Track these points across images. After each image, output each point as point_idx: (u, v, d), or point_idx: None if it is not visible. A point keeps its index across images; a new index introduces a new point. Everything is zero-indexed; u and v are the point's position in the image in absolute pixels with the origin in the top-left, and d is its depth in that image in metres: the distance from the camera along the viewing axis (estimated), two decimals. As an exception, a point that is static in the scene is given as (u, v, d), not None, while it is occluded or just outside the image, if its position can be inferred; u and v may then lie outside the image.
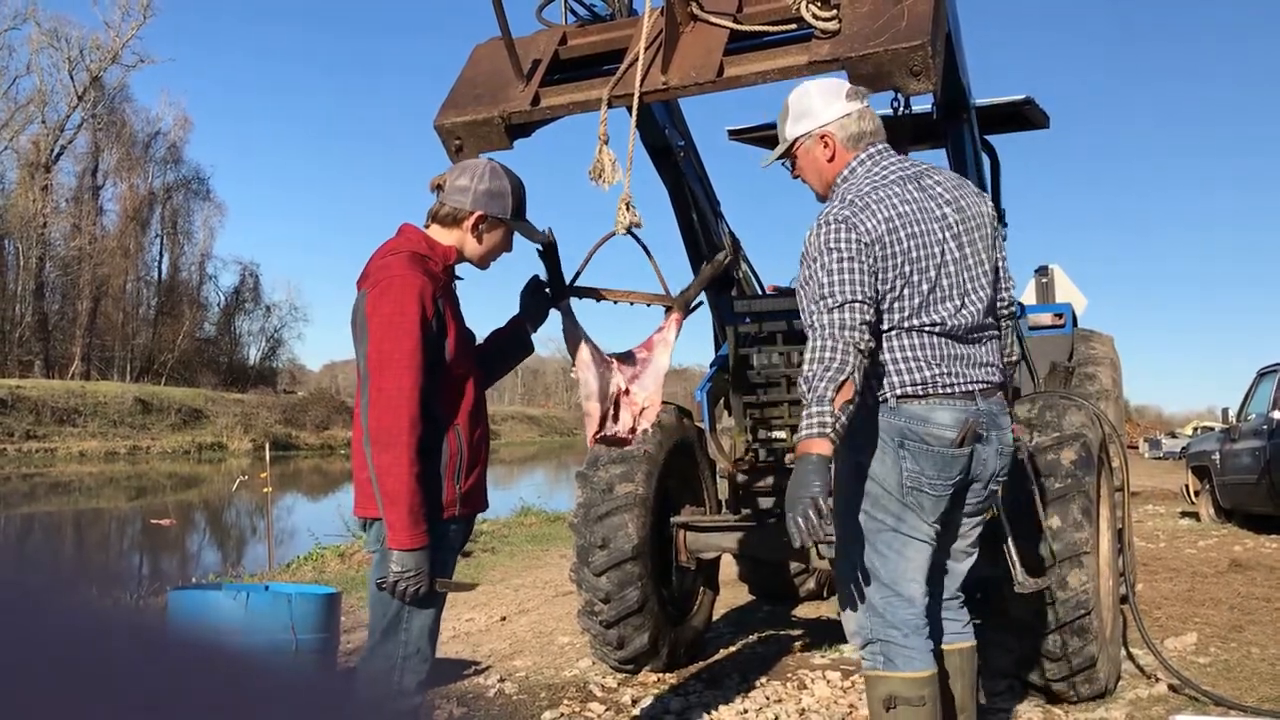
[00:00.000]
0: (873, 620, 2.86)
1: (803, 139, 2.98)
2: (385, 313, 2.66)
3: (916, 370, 2.80)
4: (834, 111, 2.94)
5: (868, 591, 2.86)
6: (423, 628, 2.75)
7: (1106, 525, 4.59)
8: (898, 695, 2.81)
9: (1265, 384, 11.36)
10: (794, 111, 2.99)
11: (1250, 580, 7.42)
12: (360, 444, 2.78)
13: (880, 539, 2.84)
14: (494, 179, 2.93)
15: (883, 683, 2.84)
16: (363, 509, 2.80)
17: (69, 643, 0.44)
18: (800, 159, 3.02)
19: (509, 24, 3.41)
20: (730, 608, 6.58)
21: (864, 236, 2.73)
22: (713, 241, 4.60)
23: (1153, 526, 11.87)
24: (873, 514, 2.84)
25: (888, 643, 2.84)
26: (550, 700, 4.53)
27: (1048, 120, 6.08)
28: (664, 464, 4.95)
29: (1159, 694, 4.33)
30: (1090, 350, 6.19)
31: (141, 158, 58.78)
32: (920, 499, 2.81)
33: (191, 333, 59.40)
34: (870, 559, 2.86)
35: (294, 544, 13.26)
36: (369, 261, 2.86)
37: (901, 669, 2.82)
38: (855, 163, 2.93)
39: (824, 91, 2.97)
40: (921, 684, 2.81)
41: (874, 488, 2.83)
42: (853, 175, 2.92)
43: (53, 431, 38.84)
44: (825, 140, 2.94)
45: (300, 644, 4.02)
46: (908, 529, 2.83)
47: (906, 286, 2.76)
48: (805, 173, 3.04)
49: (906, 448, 2.79)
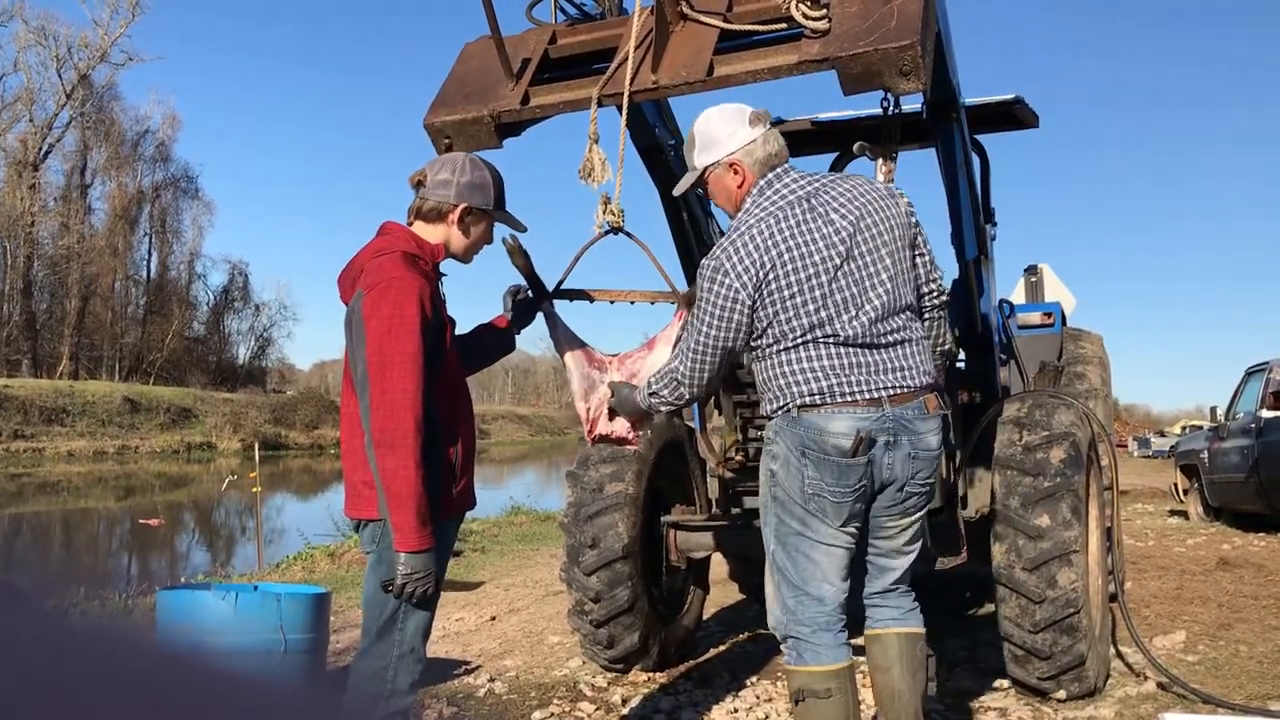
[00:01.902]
0: (786, 617, 3.00)
1: (712, 168, 3.05)
2: (384, 314, 2.63)
3: (814, 381, 2.89)
4: (740, 139, 3.01)
5: (781, 591, 3.01)
6: (417, 628, 2.76)
7: (1095, 524, 4.61)
8: (805, 688, 2.94)
9: (1253, 383, 11.41)
10: (701, 141, 3.06)
11: (1238, 578, 7.45)
12: (352, 445, 2.78)
13: (789, 542, 2.98)
14: (475, 171, 2.93)
15: (795, 676, 2.99)
16: (356, 510, 2.80)
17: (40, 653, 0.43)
18: (712, 185, 3.09)
19: (499, 22, 3.40)
20: (720, 607, 6.59)
21: (734, 283, 2.88)
22: (704, 241, 4.60)
23: (1141, 525, 11.91)
24: (782, 518, 2.98)
25: (798, 639, 2.97)
26: (540, 700, 4.53)
27: (1037, 119, 6.09)
28: (654, 463, 4.95)
29: (1148, 692, 4.35)
30: (1079, 349, 6.21)
31: (130, 156, 58.55)
32: (822, 505, 2.92)
33: (180, 332, 59.19)
34: (782, 560, 3.00)
35: (283, 544, 13.23)
36: (354, 261, 2.85)
37: (809, 663, 2.94)
38: (751, 201, 3.01)
39: (727, 120, 3.04)
40: (828, 677, 2.93)
41: (781, 494, 2.96)
42: (751, 203, 3.01)
43: (41, 431, 38.67)
44: (734, 168, 3.01)
45: (289, 644, 4.00)
46: (812, 534, 2.95)
47: (795, 306, 2.87)
48: (717, 198, 3.13)
49: (807, 456, 2.90)
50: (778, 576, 3.02)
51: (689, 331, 3.03)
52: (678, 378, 3.04)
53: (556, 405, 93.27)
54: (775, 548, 3.03)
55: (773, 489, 2.99)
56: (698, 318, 2.97)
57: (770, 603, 3.09)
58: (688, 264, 4.56)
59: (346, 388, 2.85)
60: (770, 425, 3.02)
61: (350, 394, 2.81)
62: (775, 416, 2.98)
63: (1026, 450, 4.23)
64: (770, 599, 3.09)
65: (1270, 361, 11.11)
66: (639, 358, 3.28)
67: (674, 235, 4.61)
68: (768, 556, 3.08)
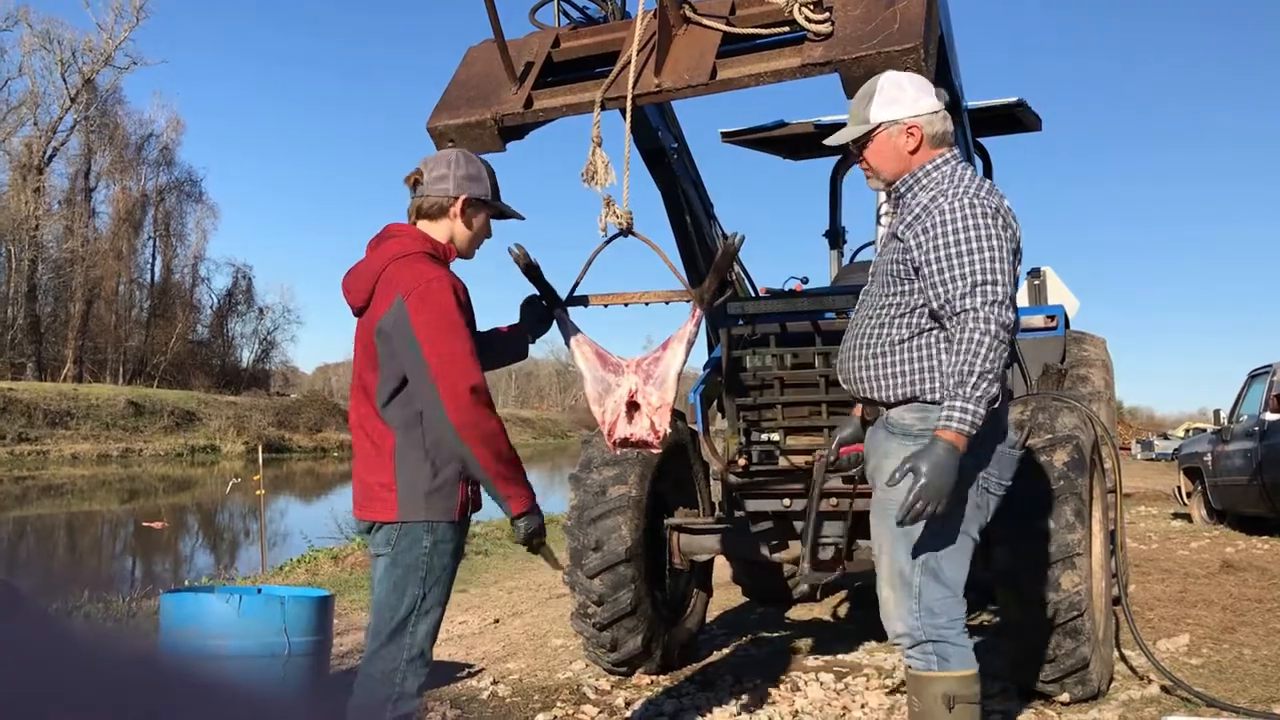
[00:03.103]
0: (927, 621, 2.82)
1: (888, 125, 2.90)
2: (432, 317, 2.69)
3: None
4: (925, 106, 2.90)
5: (925, 593, 2.82)
6: (427, 632, 2.78)
7: (1099, 527, 4.60)
8: (955, 694, 2.81)
9: (1257, 386, 11.39)
10: (885, 95, 2.90)
11: (1242, 581, 7.44)
12: (366, 448, 2.80)
13: (959, 543, 2.84)
14: (469, 164, 2.96)
15: (938, 682, 2.82)
16: (371, 512, 2.82)
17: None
18: (878, 144, 2.93)
19: (502, 26, 3.41)
20: (723, 610, 6.58)
21: (1018, 233, 2.78)
22: (706, 244, 4.60)
23: (1145, 528, 11.90)
24: (943, 517, 2.76)
25: (942, 642, 2.82)
26: (544, 703, 4.53)
27: (1040, 122, 6.10)
28: (657, 466, 4.95)
29: (1151, 695, 4.34)
30: (1082, 352, 6.20)
31: (134, 160, 58.66)
32: (989, 500, 2.85)
33: (184, 335, 59.23)
34: (939, 561, 2.83)
35: (287, 546, 13.24)
36: (367, 266, 2.84)
37: (956, 668, 2.82)
38: (943, 161, 2.90)
39: (915, 84, 2.93)
40: (974, 681, 2.84)
41: (960, 490, 2.77)
42: (952, 172, 2.87)
43: (45, 434, 38.69)
44: (912, 132, 2.89)
45: (293, 647, 4.01)
46: (975, 531, 2.87)
47: None
48: (878, 157, 2.95)
49: (986, 447, 2.80)
50: (920, 580, 2.82)
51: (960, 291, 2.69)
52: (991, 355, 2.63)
53: (560, 408, 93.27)
54: (933, 548, 2.82)
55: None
56: (981, 264, 2.68)
57: (895, 609, 2.88)
58: (690, 266, 4.56)
59: (358, 392, 2.86)
60: (937, 413, 2.74)
61: (362, 398, 2.83)
62: None
63: (1031, 453, 4.22)
64: (895, 605, 2.87)
65: (1274, 364, 11.09)
66: (654, 360, 3.25)
67: (677, 238, 4.61)
68: (901, 559, 2.84)
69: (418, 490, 2.73)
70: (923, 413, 2.83)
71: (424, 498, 2.73)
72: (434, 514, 2.74)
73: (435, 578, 2.78)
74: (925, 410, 2.82)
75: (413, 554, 2.74)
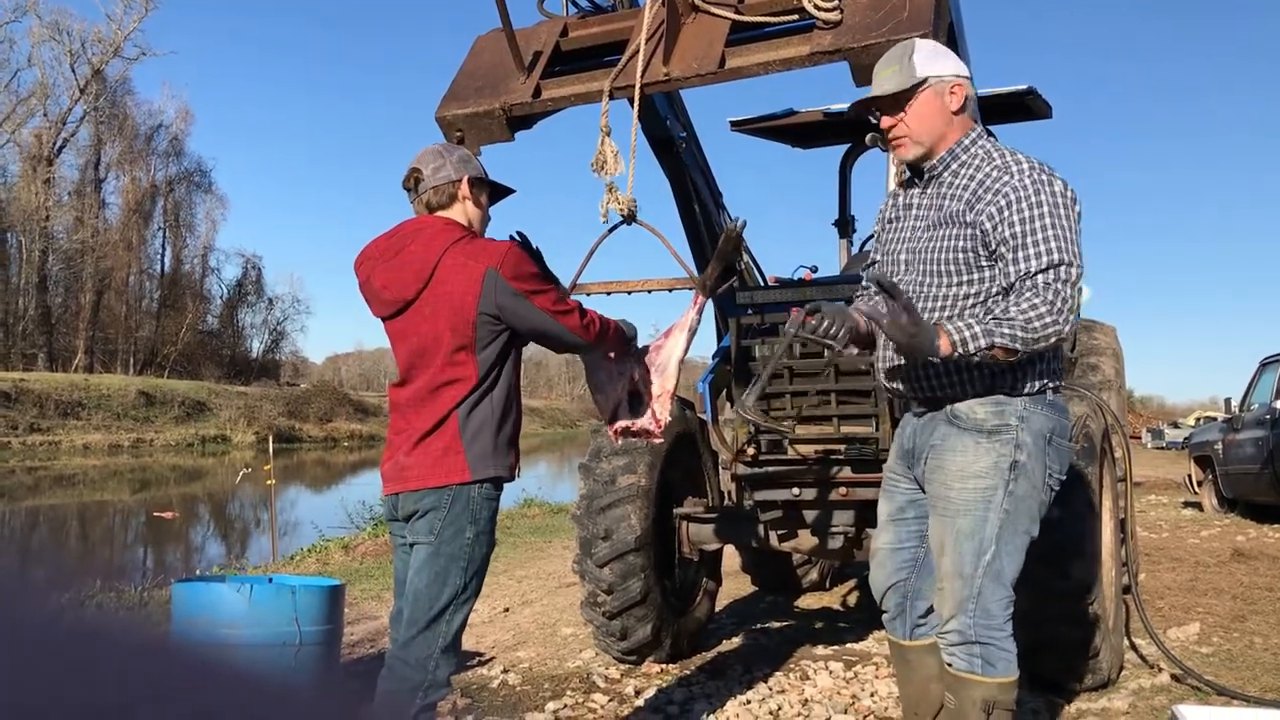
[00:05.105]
0: (981, 621, 2.68)
1: (934, 81, 2.69)
2: (524, 277, 2.78)
3: (1056, 360, 2.73)
4: (965, 71, 2.77)
5: (985, 593, 2.68)
6: (461, 622, 2.84)
7: (1109, 515, 4.59)
8: (996, 701, 2.68)
9: (1268, 374, 11.35)
10: (925, 52, 2.71)
11: (1253, 570, 7.42)
12: (437, 416, 2.79)
13: (1018, 541, 2.69)
14: (457, 150, 3.03)
15: (980, 686, 2.68)
16: (433, 478, 2.79)
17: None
18: (922, 100, 2.70)
19: (510, 15, 3.40)
20: (733, 599, 6.59)
21: (1079, 217, 2.66)
22: (715, 233, 4.59)
23: (1155, 516, 11.87)
24: (1015, 515, 2.68)
25: (990, 645, 2.68)
26: (554, 691, 4.55)
27: (1050, 110, 6.06)
28: (666, 456, 4.96)
29: (1161, 684, 4.34)
30: (1093, 341, 6.18)
31: (143, 150, 58.89)
32: (1050, 497, 2.74)
33: (194, 325, 59.49)
34: (1003, 562, 2.68)
35: (297, 536, 13.30)
36: (414, 255, 2.83)
37: (1000, 674, 2.69)
38: (979, 135, 2.76)
39: (951, 53, 2.80)
40: (1014, 687, 2.73)
41: (1024, 487, 2.67)
42: (996, 149, 2.72)
43: (57, 425, 38.89)
44: (956, 91, 2.71)
45: (304, 636, 4.03)
46: (1036, 530, 2.73)
47: None
48: (918, 118, 2.72)
49: (1053, 444, 2.70)
50: (983, 581, 2.67)
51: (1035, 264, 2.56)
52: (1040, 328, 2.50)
53: (569, 398, 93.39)
54: (999, 548, 2.67)
55: (1012, 484, 2.65)
56: (1061, 240, 2.56)
57: (951, 599, 2.72)
58: (698, 254, 4.56)
59: (417, 367, 2.84)
60: (1015, 407, 2.66)
61: (423, 370, 2.82)
62: (1027, 397, 2.67)
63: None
64: (951, 597, 2.72)
65: (1286, 352, 11.06)
66: (657, 347, 3.25)
67: (685, 225, 4.61)
68: (965, 560, 2.70)
69: (484, 449, 2.79)
70: (998, 406, 2.68)
71: (490, 455, 2.80)
72: (500, 469, 2.83)
73: (475, 568, 2.83)
74: (1001, 404, 2.68)
75: (456, 544, 2.78)
